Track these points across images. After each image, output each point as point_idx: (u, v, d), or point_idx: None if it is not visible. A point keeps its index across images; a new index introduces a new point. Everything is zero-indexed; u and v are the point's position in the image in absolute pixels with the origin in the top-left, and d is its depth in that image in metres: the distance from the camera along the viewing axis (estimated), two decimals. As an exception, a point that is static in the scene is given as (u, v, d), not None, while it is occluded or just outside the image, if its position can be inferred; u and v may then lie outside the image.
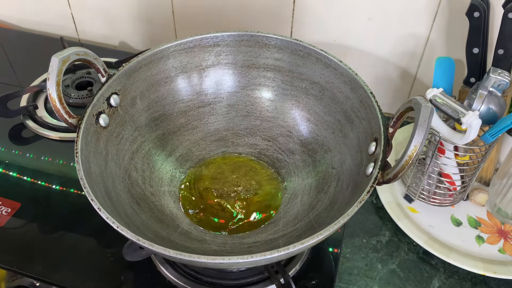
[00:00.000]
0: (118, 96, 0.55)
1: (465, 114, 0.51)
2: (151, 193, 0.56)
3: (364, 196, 0.43)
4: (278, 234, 0.53)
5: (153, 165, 0.59)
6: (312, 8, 0.73)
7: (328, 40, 0.75)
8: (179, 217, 0.56)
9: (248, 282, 0.53)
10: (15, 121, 0.73)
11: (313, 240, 0.40)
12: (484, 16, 0.56)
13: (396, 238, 0.62)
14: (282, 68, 0.61)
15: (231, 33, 0.60)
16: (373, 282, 0.57)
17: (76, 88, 0.78)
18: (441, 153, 0.59)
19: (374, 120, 0.50)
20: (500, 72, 0.54)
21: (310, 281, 0.54)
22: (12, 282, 0.57)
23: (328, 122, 0.59)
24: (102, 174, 0.50)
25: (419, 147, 0.41)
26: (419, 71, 0.74)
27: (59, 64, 0.48)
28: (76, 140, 0.48)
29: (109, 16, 0.87)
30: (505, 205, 0.62)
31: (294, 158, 0.61)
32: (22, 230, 0.59)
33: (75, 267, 0.55)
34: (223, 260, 0.39)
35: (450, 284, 0.57)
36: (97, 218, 0.42)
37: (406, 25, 0.70)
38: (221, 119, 0.64)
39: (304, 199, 0.57)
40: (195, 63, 0.62)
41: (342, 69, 0.56)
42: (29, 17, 0.94)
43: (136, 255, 0.52)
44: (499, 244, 0.61)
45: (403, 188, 0.66)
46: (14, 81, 0.82)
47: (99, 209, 0.42)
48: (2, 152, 0.69)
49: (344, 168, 0.55)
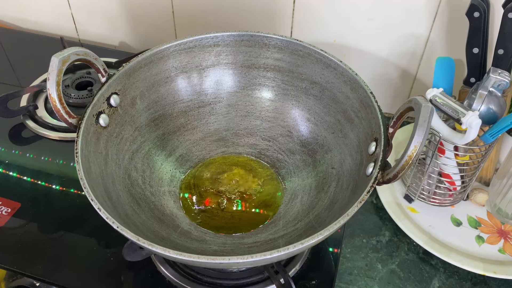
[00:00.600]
0: (118, 96, 0.55)
1: (465, 114, 0.51)
2: (151, 193, 0.56)
3: (364, 196, 0.43)
4: (278, 234, 0.53)
5: (153, 165, 0.59)
6: (312, 8, 0.73)
7: (328, 40, 0.75)
8: (179, 217, 0.56)
9: (248, 282, 0.53)
10: (15, 121, 0.73)
11: (313, 240, 0.40)
12: (484, 16, 0.56)
13: (396, 238, 0.62)
14: (282, 68, 0.61)
15: (231, 33, 0.60)
16: (373, 282, 0.57)
17: (76, 88, 0.78)
18: (441, 153, 0.59)
19: (374, 120, 0.50)
20: (500, 72, 0.54)
21: (310, 281, 0.54)
22: (12, 282, 0.57)
23: (328, 122, 0.59)
24: (102, 174, 0.50)
25: (419, 147, 0.41)
26: (419, 71, 0.74)
27: (59, 64, 0.48)
28: (76, 140, 0.48)
29: (109, 16, 0.87)
30: (505, 205, 0.62)
31: (294, 158, 0.61)
32: (22, 230, 0.59)
33: (75, 267, 0.55)
34: (223, 260, 0.39)
35: (450, 284, 0.57)
36: (97, 218, 0.42)
37: (406, 25, 0.70)
38: (221, 119, 0.64)
39: (304, 199, 0.57)
40: (195, 63, 0.62)
41: (342, 69, 0.56)
42: (29, 17, 0.94)
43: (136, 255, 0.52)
44: (499, 244, 0.61)
45: (403, 188, 0.66)
46: (14, 81, 0.82)
47: (99, 209, 0.42)
48: (2, 152, 0.69)
49: (344, 168, 0.55)
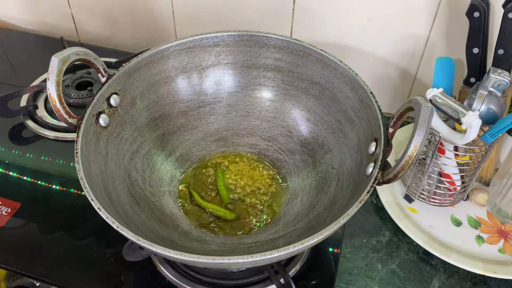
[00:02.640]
0: (118, 96, 0.55)
1: (465, 114, 0.51)
2: (151, 193, 0.56)
3: (364, 196, 0.43)
4: (278, 234, 0.53)
5: (153, 165, 0.59)
6: (312, 8, 0.73)
7: (328, 40, 0.75)
8: (179, 217, 0.56)
9: (248, 282, 0.53)
10: (15, 121, 0.73)
11: (313, 240, 0.40)
12: (484, 16, 0.56)
13: (396, 238, 0.62)
14: (282, 68, 0.61)
15: (231, 33, 0.60)
16: (373, 282, 0.57)
17: (76, 88, 0.78)
18: (441, 153, 0.59)
19: (374, 120, 0.50)
20: (500, 72, 0.54)
21: (310, 281, 0.54)
22: (12, 282, 0.57)
23: (328, 122, 0.59)
24: (102, 174, 0.50)
25: (419, 147, 0.41)
26: (419, 71, 0.74)
27: (59, 64, 0.48)
28: (76, 140, 0.48)
29: (109, 16, 0.87)
30: (505, 205, 0.62)
31: (294, 158, 0.61)
32: (22, 230, 0.59)
33: (75, 267, 0.55)
34: (223, 260, 0.39)
35: (450, 284, 0.57)
36: (97, 218, 0.42)
37: (406, 25, 0.70)
38: (221, 119, 0.64)
39: (304, 199, 0.57)
40: (195, 63, 0.62)
41: (342, 69, 0.56)
42: (29, 17, 0.94)
43: (136, 255, 0.52)
44: (499, 244, 0.61)
45: (403, 188, 0.66)
46: (14, 81, 0.82)
47: (99, 209, 0.42)
48: (2, 152, 0.69)
49: (344, 168, 0.55)
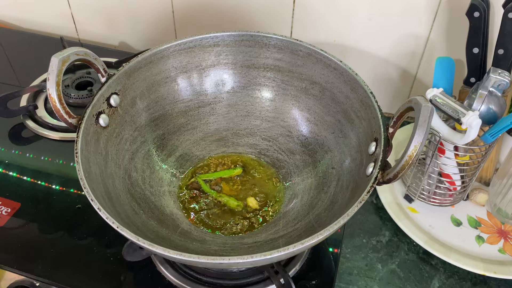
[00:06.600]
0: (118, 96, 0.55)
1: (465, 114, 0.51)
2: (151, 193, 0.56)
3: (364, 196, 0.43)
4: (278, 234, 0.53)
5: (153, 165, 0.59)
6: (312, 8, 0.73)
7: (328, 40, 0.75)
8: (179, 217, 0.56)
9: (248, 282, 0.53)
10: (15, 121, 0.73)
11: (313, 240, 0.40)
12: (484, 16, 0.56)
13: (396, 238, 0.62)
14: (282, 68, 0.61)
15: (231, 33, 0.60)
16: (373, 282, 0.57)
17: (76, 88, 0.78)
18: (441, 153, 0.59)
19: (374, 120, 0.50)
20: (500, 72, 0.54)
21: (310, 281, 0.54)
22: (12, 282, 0.57)
23: (328, 122, 0.59)
24: (102, 174, 0.50)
25: (419, 147, 0.41)
26: (419, 71, 0.74)
27: (59, 64, 0.48)
28: (76, 140, 0.48)
29: (109, 16, 0.87)
30: (505, 205, 0.62)
31: (294, 158, 0.61)
32: (22, 230, 0.59)
33: (75, 267, 0.55)
34: (223, 260, 0.39)
35: (450, 284, 0.57)
36: (97, 218, 0.42)
37: (406, 25, 0.70)
38: (221, 119, 0.64)
39: (304, 199, 0.57)
40: (195, 63, 0.62)
41: (342, 69, 0.56)
42: (29, 17, 0.94)
43: (136, 255, 0.52)
44: (499, 244, 0.61)
45: (403, 188, 0.66)
46: (14, 81, 0.82)
47: (99, 209, 0.42)
48: (2, 152, 0.69)
49: (344, 168, 0.55)
